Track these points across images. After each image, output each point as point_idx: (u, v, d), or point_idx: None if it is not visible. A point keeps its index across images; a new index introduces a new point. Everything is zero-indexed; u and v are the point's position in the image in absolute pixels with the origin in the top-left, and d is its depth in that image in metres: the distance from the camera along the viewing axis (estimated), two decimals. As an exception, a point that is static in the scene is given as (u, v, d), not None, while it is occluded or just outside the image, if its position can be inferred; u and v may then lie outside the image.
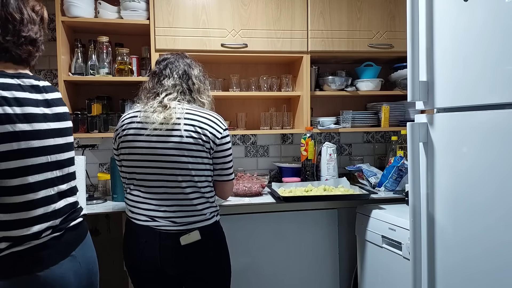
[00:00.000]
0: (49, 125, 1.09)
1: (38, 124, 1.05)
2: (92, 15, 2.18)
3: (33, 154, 1.03)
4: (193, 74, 1.55)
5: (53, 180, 1.09)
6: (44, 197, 1.06)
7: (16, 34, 1.06)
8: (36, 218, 1.03)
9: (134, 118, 1.49)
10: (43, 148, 1.06)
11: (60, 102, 1.18)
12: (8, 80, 1.02)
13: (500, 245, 1.04)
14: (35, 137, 1.04)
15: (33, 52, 1.13)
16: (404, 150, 2.38)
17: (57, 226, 1.08)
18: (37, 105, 1.07)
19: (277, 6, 2.29)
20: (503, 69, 1.03)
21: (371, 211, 1.95)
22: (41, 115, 1.07)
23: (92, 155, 2.48)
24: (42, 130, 1.06)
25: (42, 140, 1.06)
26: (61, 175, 1.12)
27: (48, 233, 1.06)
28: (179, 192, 1.45)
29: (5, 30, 1.04)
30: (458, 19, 1.17)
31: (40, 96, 1.10)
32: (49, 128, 1.09)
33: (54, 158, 1.09)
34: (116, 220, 2.29)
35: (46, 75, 2.43)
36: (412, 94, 1.27)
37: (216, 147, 1.49)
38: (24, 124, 1.01)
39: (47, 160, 1.07)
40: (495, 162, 1.05)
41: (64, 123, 1.16)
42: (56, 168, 1.10)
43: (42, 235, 1.04)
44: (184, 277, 1.51)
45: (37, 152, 1.04)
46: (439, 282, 1.27)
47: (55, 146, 1.10)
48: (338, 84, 2.46)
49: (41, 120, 1.06)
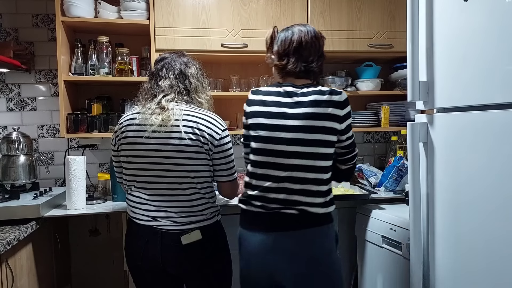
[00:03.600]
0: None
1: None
2: (92, 15, 2.18)
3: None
4: (189, 73, 1.54)
5: None
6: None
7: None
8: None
9: (132, 120, 1.49)
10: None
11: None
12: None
13: (500, 244, 1.05)
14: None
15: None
16: (404, 150, 2.38)
17: None
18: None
19: (277, 6, 2.29)
20: (503, 69, 1.03)
21: (371, 211, 1.95)
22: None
23: (92, 155, 2.48)
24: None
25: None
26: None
27: None
28: (180, 194, 1.45)
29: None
30: (458, 19, 1.17)
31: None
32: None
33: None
34: (116, 220, 2.29)
35: (46, 75, 2.43)
36: (412, 94, 1.27)
37: (215, 148, 1.49)
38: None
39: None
40: (495, 162, 1.06)
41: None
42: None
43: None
44: (185, 277, 1.51)
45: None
46: (439, 282, 1.27)
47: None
48: (338, 84, 2.46)
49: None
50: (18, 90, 2.41)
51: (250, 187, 1.43)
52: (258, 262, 1.38)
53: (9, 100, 2.40)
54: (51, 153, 2.45)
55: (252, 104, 1.45)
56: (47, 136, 2.44)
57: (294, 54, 1.42)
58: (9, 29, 2.38)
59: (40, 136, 2.44)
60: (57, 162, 2.44)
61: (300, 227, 1.33)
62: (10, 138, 2.11)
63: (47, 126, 2.44)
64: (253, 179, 1.42)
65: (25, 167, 2.11)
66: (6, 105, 2.40)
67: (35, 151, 2.41)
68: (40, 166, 2.36)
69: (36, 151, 2.42)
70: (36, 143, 2.43)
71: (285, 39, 1.44)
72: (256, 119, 1.42)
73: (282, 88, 1.42)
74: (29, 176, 2.13)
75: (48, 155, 2.45)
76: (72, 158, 1.95)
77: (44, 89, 2.43)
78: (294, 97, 1.39)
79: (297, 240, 1.33)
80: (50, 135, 2.44)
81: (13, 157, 2.09)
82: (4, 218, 1.70)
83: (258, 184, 1.39)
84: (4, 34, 2.37)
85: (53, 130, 2.45)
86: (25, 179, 2.12)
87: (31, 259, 1.75)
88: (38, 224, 1.76)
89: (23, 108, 2.41)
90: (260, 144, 1.39)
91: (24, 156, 2.12)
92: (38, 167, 2.30)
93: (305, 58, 1.42)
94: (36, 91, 2.42)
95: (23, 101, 2.41)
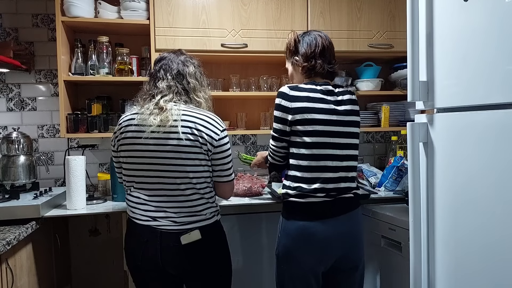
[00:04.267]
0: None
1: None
2: (92, 15, 2.18)
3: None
4: (187, 73, 1.53)
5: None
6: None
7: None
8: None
9: (131, 120, 1.48)
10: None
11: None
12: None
13: (500, 244, 1.04)
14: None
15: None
16: (404, 150, 2.38)
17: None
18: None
19: (277, 6, 2.29)
20: (503, 69, 1.03)
21: (371, 211, 1.95)
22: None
23: (92, 155, 2.48)
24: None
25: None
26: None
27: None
28: (179, 194, 1.45)
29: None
30: (458, 19, 1.17)
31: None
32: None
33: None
34: (116, 220, 2.29)
35: (46, 75, 2.43)
36: (412, 94, 1.27)
37: (214, 149, 1.49)
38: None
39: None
40: (495, 162, 1.05)
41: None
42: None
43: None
44: (184, 276, 1.51)
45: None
46: (439, 282, 1.26)
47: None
48: (338, 84, 2.46)
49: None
50: (18, 90, 2.41)
51: (305, 181, 1.51)
52: (331, 245, 1.51)
53: (9, 100, 2.40)
54: (51, 153, 2.45)
55: (297, 100, 1.52)
56: (47, 136, 2.44)
57: (320, 57, 1.58)
58: (9, 29, 2.38)
59: (40, 136, 2.44)
60: (57, 162, 2.44)
61: (356, 207, 1.58)
62: (10, 138, 2.11)
63: (47, 126, 2.44)
64: (306, 172, 1.51)
65: (25, 167, 2.11)
66: (6, 105, 2.40)
67: (35, 151, 2.41)
68: (40, 166, 2.36)
69: (36, 151, 2.42)
70: (36, 143, 2.43)
71: (310, 42, 1.59)
72: (307, 115, 1.50)
73: (322, 86, 1.56)
74: (29, 176, 2.13)
75: (48, 155, 2.45)
76: (72, 158, 1.95)
77: (44, 89, 2.43)
78: (335, 95, 1.57)
79: (357, 219, 1.57)
80: (50, 135, 2.45)
81: (13, 157, 2.09)
82: (4, 218, 1.70)
83: (316, 176, 1.51)
84: (4, 34, 2.37)
85: (53, 130, 2.45)
86: (25, 179, 2.12)
87: (31, 259, 1.75)
88: (38, 224, 1.76)
89: (23, 108, 2.41)
90: (318, 138, 1.50)
91: (24, 156, 2.12)
92: (38, 167, 2.30)
93: (329, 60, 1.61)
94: (36, 91, 2.42)
95: (23, 101, 2.41)
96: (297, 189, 1.51)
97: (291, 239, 1.51)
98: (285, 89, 1.54)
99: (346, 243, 1.53)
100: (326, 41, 1.61)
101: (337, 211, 1.52)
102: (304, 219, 1.50)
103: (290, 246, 1.52)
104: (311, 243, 1.49)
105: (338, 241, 1.51)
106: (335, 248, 1.51)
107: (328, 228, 1.49)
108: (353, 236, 1.55)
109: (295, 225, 1.51)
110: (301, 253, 1.51)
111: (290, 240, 1.51)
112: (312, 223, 1.49)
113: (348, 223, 1.53)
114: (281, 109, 1.53)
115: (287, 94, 1.53)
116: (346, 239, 1.53)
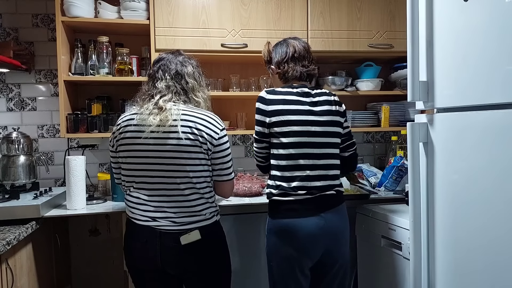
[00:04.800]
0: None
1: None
2: (92, 15, 2.18)
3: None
4: (185, 73, 1.53)
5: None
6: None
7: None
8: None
9: (130, 120, 1.48)
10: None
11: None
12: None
13: (500, 244, 1.04)
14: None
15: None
16: (404, 150, 2.38)
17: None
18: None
19: (277, 6, 2.29)
20: (503, 69, 1.03)
21: (371, 211, 1.95)
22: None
23: (92, 155, 2.48)
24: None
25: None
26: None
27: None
28: (178, 194, 1.45)
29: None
30: (458, 19, 1.17)
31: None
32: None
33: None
34: (116, 220, 2.29)
35: (46, 75, 2.43)
36: (412, 94, 1.27)
37: (214, 148, 1.49)
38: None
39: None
40: (494, 162, 1.05)
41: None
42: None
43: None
44: (184, 277, 1.51)
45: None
46: (439, 282, 1.27)
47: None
48: (338, 84, 2.46)
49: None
50: (18, 90, 2.41)
51: (285, 180, 1.56)
52: (314, 241, 1.54)
53: (9, 100, 2.40)
54: (51, 153, 2.45)
55: (273, 103, 1.57)
56: (47, 136, 2.44)
57: (292, 61, 1.65)
58: (9, 29, 2.38)
59: (40, 136, 2.44)
60: (57, 162, 2.44)
61: (339, 203, 1.61)
62: (10, 138, 2.11)
63: (47, 126, 2.44)
64: (285, 171, 1.56)
65: (25, 167, 2.11)
66: (6, 105, 2.40)
67: (35, 151, 2.41)
68: (40, 166, 2.36)
69: (36, 151, 2.42)
70: (36, 143, 2.43)
71: (281, 50, 1.67)
72: (283, 117, 1.55)
73: (298, 89, 1.61)
74: (29, 176, 2.13)
75: (48, 155, 2.45)
76: (72, 158, 1.95)
77: (44, 89, 2.43)
78: (311, 97, 1.61)
79: (340, 216, 1.60)
80: (50, 135, 2.45)
81: (13, 157, 2.09)
82: (4, 218, 1.70)
83: (295, 174, 1.55)
84: (4, 34, 2.37)
85: (53, 130, 2.45)
86: (25, 179, 2.12)
87: (31, 259, 1.75)
88: (38, 224, 1.76)
89: (23, 108, 2.41)
90: (294, 138, 1.55)
91: (24, 156, 2.12)
92: (38, 167, 2.30)
93: (302, 63, 1.65)
94: (36, 91, 2.42)
95: (23, 101, 2.41)
96: (279, 188, 1.56)
97: (277, 237, 1.57)
98: (262, 94, 1.61)
99: (330, 239, 1.57)
100: (299, 45, 1.67)
101: (319, 208, 1.55)
102: (287, 217, 1.55)
103: (276, 244, 1.57)
104: (296, 240, 1.54)
105: (322, 237, 1.55)
106: (319, 244, 1.56)
107: (311, 225, 1.53)
108: (337, 232, 1.59)
109: (280, 223, 1.56)
110: (287, 250, 1.55)
111: (276, 238, 1.57)
112: (296, 220, 1.54)
113: (331, 219, 1.57)
114: (259, 112, 1.60)
115: (264, 98, 1.59)
116: (330, 235, 1.56)
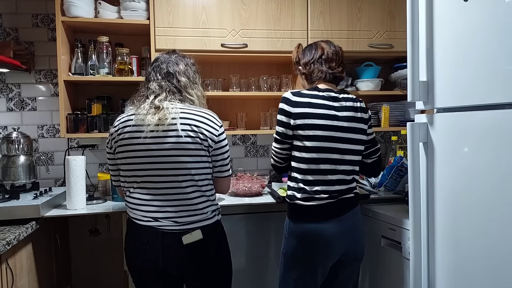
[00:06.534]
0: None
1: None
2: (92, 15, 2.18)
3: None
4: (177, 71, 1.53)
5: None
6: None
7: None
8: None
9: (128, 121, 1.48)
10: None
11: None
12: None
13: (500, 244, 1.04)
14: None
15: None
16: (404, 150, 2.38)
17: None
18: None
19: (277, 6, 2.29)
20: (503, 69, 1.03)
21: (371, 211, 1.95)
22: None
23: (92, 155, 2.48)
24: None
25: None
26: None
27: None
28: (180, 193, 1.45)
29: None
30: (458, 19, 1.17)
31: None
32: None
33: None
34: (116, 220, 2.29)
35: (46, 75, 2.43)
36: (412, 94, 1.27)
37: (215, 145, 1.49)
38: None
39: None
40: (494, 162, 1.05)
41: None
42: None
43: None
44: (185, 277, 1.51)
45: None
46: (439, 282, 1.27)
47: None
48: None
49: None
50: (18, 90, 2.41)
51: (307, 183, 1.57)
52: (336, 244, 1.57)
53: (9, 100, 2.40)
54: (51, 153, 2.45)
55: (299, 106, 1.56)
56: (47, 136, 2.44)
57: (319, 62, 1.66)
58: (9, 29, 2.38)
59: (40, 136, 2.44)
60: (57, 162, 2.44)
61: (356, 205, 1.64)
62: (10, 138, 2.11)
63: (47, 126, 2.44)
64: (308, 175, 1.57)
65: (25, 167, 2.11)
66: (6, 105, 2.40)
67: (35, 151, 2.41)
68: (40, 166, 2.36)
69: (36, 151, 2.42)
70: (36, 143, 2.43)
71: (310, 51, 1.69)
72: (308, 120, 1.55)
73: (325, 92, 1.60)
74: (29, 176, 2.13)
75: (48, 155, 2.45)
76: (72, 158, 1.95)
77: (44, 89, 2.43)
78: (337, 101, 1.60)
79: (357, 215, 1.65)
80: (50, 135, 2.45)
81: (13, 157, 2.09)
82: (4, 218, 1.70)
83: (318, 178, 1.56)
84: (4, 34, 2.37)
85: (53, 130, 2.45)
86: (25, 179, 2.12)
87: (31, 259, 1.75)
88: (38, 224, 1.76)
89: (23, 108, 2.41)
90: (318, 142, 1.55)
91: (24, 156, 2.12)
92: (38, 167, 2.30)
93: (329, 65, 1.66)
94: (36, 91, 2.42)
95: (23, 101, 2.41)
96: (301, 191, 1.57)
97: (299, 240, 1.59)
98: (288, 95, 1.60)
99: (350, 239, 1.60)
100: (329, 48, 1.67)
101: (340, 211, 1.59)
102: (310, 221, 1.57)
103: (298, 247, 1.59)
104: (319, 242, 1.56)
105: (343, 238, 1.58)
106: (340, 244, 1.59)
107: (333, 227, 1.56)
108: (356, 232, 1.63)
109: (303, 228, 1.58)
110: (309, 253, 1.58)
111: (298, 241, 1.59)
112: (319, 225, 1.56)
113: (350, 220, 1.60)
114: (284, 114, 1.59)
115: (289, 100, 1.58)
116: (350, 235, 1.60)
